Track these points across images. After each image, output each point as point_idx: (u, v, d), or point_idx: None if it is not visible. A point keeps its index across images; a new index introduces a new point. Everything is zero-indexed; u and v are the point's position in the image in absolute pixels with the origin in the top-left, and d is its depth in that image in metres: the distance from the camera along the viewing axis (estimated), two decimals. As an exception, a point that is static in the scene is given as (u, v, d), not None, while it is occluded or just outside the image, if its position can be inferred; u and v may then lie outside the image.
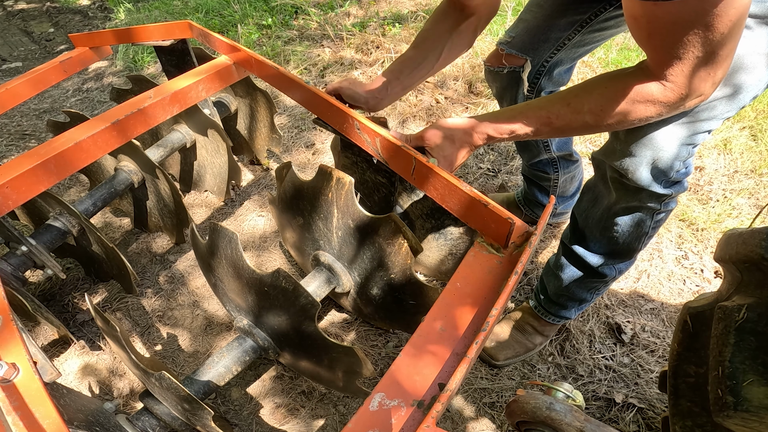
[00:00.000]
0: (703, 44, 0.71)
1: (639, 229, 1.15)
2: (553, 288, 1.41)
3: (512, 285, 0.83)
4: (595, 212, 1.20)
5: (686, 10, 0.69)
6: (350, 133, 1.15)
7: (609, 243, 1.21)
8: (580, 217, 1.26)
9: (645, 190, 1.05)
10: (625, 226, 1.16)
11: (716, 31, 0.69)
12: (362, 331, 1.62)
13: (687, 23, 0.70)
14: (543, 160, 1.63)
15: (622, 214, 1.14)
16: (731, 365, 0.79)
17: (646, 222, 1.13)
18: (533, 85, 1.39)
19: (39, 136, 2.69)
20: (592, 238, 1.24)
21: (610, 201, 1.15)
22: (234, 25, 3.29)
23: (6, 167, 1.10)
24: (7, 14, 4.76)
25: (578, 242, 1.28)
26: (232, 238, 1.15)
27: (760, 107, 2.26)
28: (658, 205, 1.09)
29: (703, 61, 0.73)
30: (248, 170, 2.23)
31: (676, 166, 1.00)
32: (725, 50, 0.73)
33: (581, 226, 1.26)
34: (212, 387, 1.22)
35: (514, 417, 0.83)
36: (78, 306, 1.75)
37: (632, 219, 1.13)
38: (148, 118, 1.30)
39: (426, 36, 1.23)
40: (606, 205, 1.16)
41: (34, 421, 0.71)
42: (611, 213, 1.15)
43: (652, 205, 1.09)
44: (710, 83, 0.77)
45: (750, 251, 0.81)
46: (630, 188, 1.07)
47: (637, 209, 1.11)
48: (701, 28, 0.70)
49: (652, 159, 0.99)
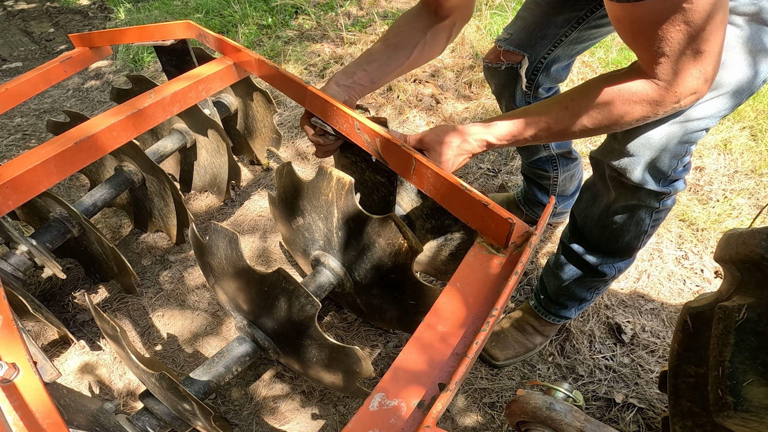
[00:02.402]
0: (686, 40, 0.72)
1: (638, 228, 1.15)
2: (552, 287, 1.41)
3: (512, 285, 0.83)
4: (594, 211, 1.20)
5: (664, 7, 0.70)
6: (350, 133, 1.15)
7: (608, 241, 1.22)
8: (579, 216, 1.26)
9: (643, 189, 1.05)
10: (625, 224, 1.16)
11: (696, 26, 0.71)
12: (362, 331, 1.62)
13: (667, 20, 0.71)
14: (542, 158, 1.63)
15: (622, 212, 1.14)
16: (731, 365, 0.79)
17: (646, 220, 1.14)
18: (531, 81, 1.39)
19: (39, 136, 2.69)
20: (592, 237, 1.24)
21: (609, 200, 1.15)
22: (234, 25, 3.29)
23: (6, 167, 1.10)
24: (7, 14, 4.76)
25: (577, 241, 1.28)
26: (232, 238, 1.15)
27: (760, 107, 2.26)
28: (657, 203, 1.10)
29: (690, 57, 0.75)
30: (248, 170, 2.23)
31: (673, 165, 1.01)
32: (710, 45, 0.73)
33: (580, 225, 1.26)
34: (212, 387, 1.22)
35: (514, 417, 0.83)
36: (78, 306, 1.75)
37: (631, 217, 1.14)
38: (148, 118, 1.29)
39: (397, 32, 1.19)
40: (605, 204, 1.16)
41: (34, 421, 0.71)
42: (610, 211, 1.16)
43: (651, 203, 1.09)
44: (702, 80, 0.78)
45: (750, 251, 0.81)
46: (629, 187, 1.07)
47: (637, 207, 1.11)
48: (681, 23, 0.71)
49: (649, 158, 1.00)
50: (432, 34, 1.18)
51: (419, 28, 1.17)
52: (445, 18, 1.17)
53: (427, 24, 1.18)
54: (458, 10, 1.16)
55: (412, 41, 1.18)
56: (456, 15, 1.17)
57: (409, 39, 1.18)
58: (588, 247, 1.26)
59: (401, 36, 1.19)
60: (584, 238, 1.26)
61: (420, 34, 1.17)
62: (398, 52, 1.18)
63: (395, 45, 1.18)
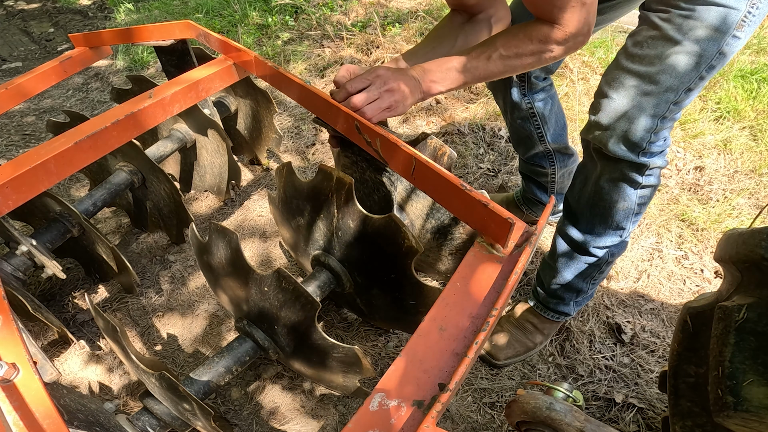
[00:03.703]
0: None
1: (625, 204, 1.22)
2: (549, 279, 1.43)
3: (512, 285, 0.83)
4: (585, 191, 1.26)
5: None
6: (350, 133, 1.15)
7: (599, 221, 1.27)
8: (572, 200, 1.32)
9: (623, 161, 1.14)
10: (612, 200, 1.22)
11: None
12: (362, 331, 1.62)
13: None
14: (538, 153, 1.65)
15: (608, 187, 1.20)
16: (731, 365, 0.79)
17: (631, 197, 1.20)
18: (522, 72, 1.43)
19: (39, 136, 2.69)
20: (583, 218, 1.30)
21: (596, 174, 1.21)
22: (234, 25, 3.29)
23: (6, 167, 1.10)
24: (7, 14, 4.76)
25: (572, 224, 1.33)
26: (232, 238, 1.15)
27: (760, 107, 2.26)
28: (640, 178, 1.17)
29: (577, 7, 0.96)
30: (248, 170, 2.23)
31: (646, 137, 1.10)
32: None
33: (574, 208, 1.32)
34: (212, 387, 1.22)
35: (514, 417, 0.83)
36: (78, 306, 1.75)
37: (617, 192, 1.20)
38: (148, 118, 1.29)
39: (438, 31, 1.26)
40: (594, 180, 1.23)
41: (34, 421, 0.71)
42: (598, 186, 1.22)
43: (634, 176, 1.17)
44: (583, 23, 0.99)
45: (750, 251, 0.82)
46: (611, 159, 1.16)
47: (620, 180, 1.18)
48: None
49: (623, 131, 1.10)
50: (471, 25, 1.24)
51: (456, 25, 1.24)
52: (478, 13, 1.23)
53: (462, 21, 1.24)
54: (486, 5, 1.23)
55: (452, 34, 1.23)
56: (488, 10, 1.23)
57: (449, 33, 1.24)
58: (582, 229, 1.31)
59: (441, 31, 1.25)
60: (578, 220, 1.31)
61: (458, 29, 1.23)
62: (442, 43, 1.23)
63: (438, 37, 1.24)
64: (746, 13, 0.97)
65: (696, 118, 2.26)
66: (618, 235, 1.29)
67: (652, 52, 1.04)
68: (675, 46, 1.02)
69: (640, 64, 1.06)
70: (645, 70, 1.05)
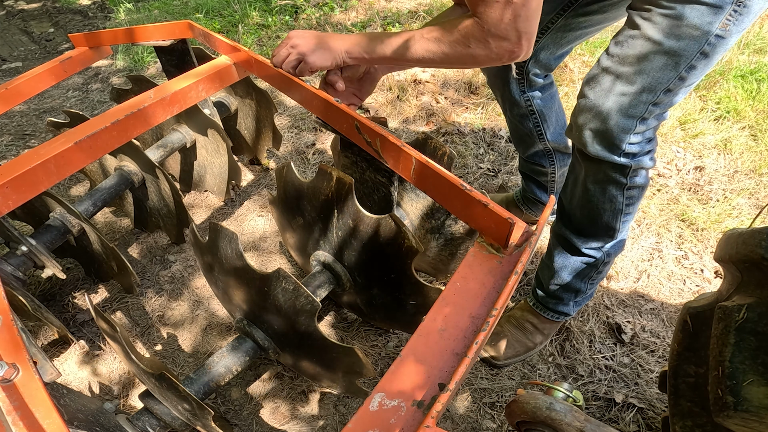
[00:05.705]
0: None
1: (612, 205, 1.21)
2: (547, 280, 1.43)
3: (512, 285, 0.83)
4: (576, 192, 1.26)
5: None
6: (350, 133, 1.15)
7: (589, 222, 1.26)
8: (565, 200, 1.31)
9: (605, 162, 1.13)
10: (599, 201, 1.21)
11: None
12: (362, 331, 1.62)
13: None
14: (538, 152, 1.65)
15: (594, 189, 1.20)
16: (731, 365, 0.79)
17: (618, 197, 1.19)
18: (521, 68, 1.43)
19: (39, 136, 2.69)
20: (575, 219, 1.29)
21: (582, 176, 1.21)
22: (234, 25, 3.30)
23: (6, 167, 1.10)
24: (7, 14, 4.76)
25: (565, 225, 1.33)
26: (232, 237, 1.15)
27: (760, 107, 2.26)
28: (624, 179, 1.15)
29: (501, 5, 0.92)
30: (248, 170, 2.23)
31: (623, 138, 1.08)
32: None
33: (567, 209, 1.31)
34: (212, 387, 1.22)
35: (514, 417, 0.83)
36: (78, 306, 1.75)
37: (603, 193, 1.20)
38: (148, 118, 1.29)
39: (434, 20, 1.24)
40: (581, 181, 1.22)
41: (34, 421, 0.71)
42: (585, 188, 1.21)
43: (618, 177, 1.15)
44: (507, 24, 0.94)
45: (750, 251, 0.82)
46: (593, 159, 1.14)
47: (605, 182, 1.17)
48: None
49: (595, 129, 1.09)
50: None
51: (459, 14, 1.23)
52: None
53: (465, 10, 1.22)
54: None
55: None
56: None
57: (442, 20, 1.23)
58: (574, 230, 1.31)
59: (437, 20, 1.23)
60: (570, 221, 1.31)
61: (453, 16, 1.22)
62: None
63: None
64: (731, 11, 0.94)
65: (696, 118, 2.26)
66: (609, 236, 1.28)
67: (630, 52, 1.03)
68: (653, 46, 1.00)
69: (618, 64, 1.04)
70: (622, 70, 1.04)
